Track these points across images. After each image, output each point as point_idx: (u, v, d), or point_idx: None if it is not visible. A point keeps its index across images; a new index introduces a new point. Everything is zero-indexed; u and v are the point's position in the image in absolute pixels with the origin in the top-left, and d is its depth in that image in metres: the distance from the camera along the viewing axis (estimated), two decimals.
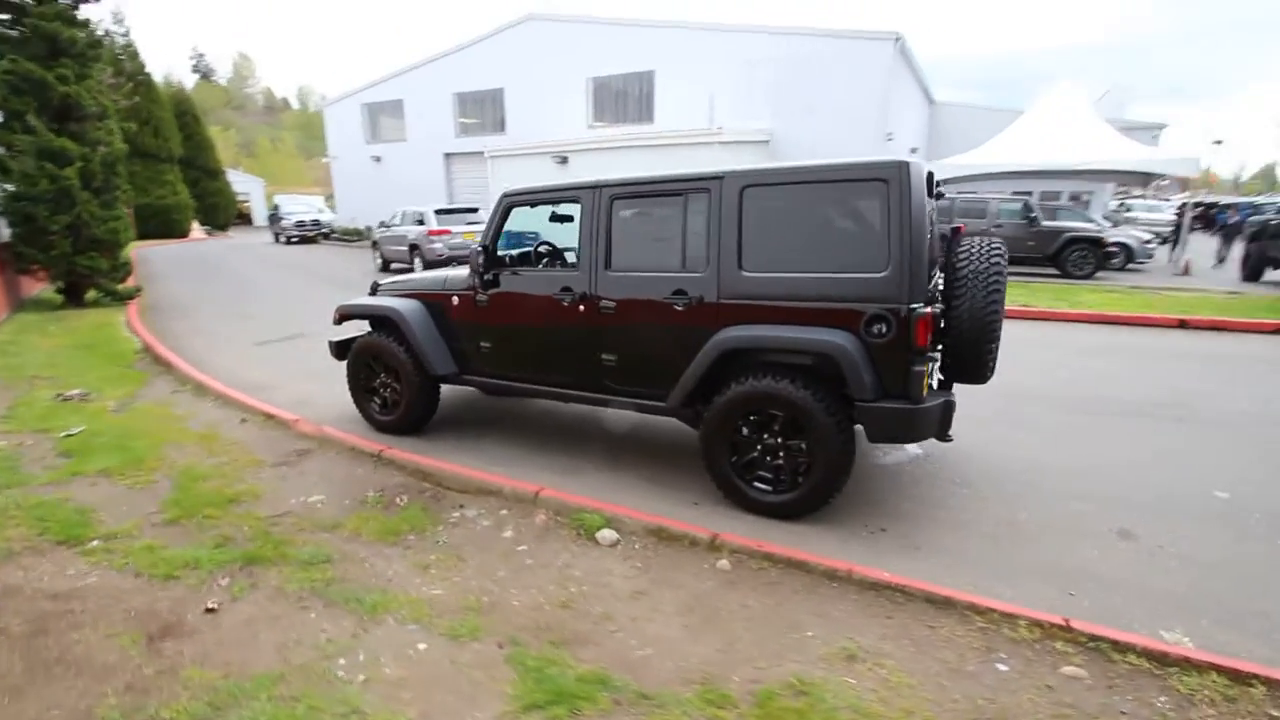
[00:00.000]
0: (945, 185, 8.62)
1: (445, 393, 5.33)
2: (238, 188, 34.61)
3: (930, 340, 3.23)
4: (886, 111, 16.28)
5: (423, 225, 14.58)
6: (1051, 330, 8.59)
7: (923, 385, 3.22)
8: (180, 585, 2.89)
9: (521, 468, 4.29)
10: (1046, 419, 5.22)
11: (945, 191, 7.31)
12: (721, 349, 3.51)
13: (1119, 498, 3.83)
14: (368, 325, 5.20)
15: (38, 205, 9.15)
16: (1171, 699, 2.23)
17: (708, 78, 17.64)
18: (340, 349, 5.25)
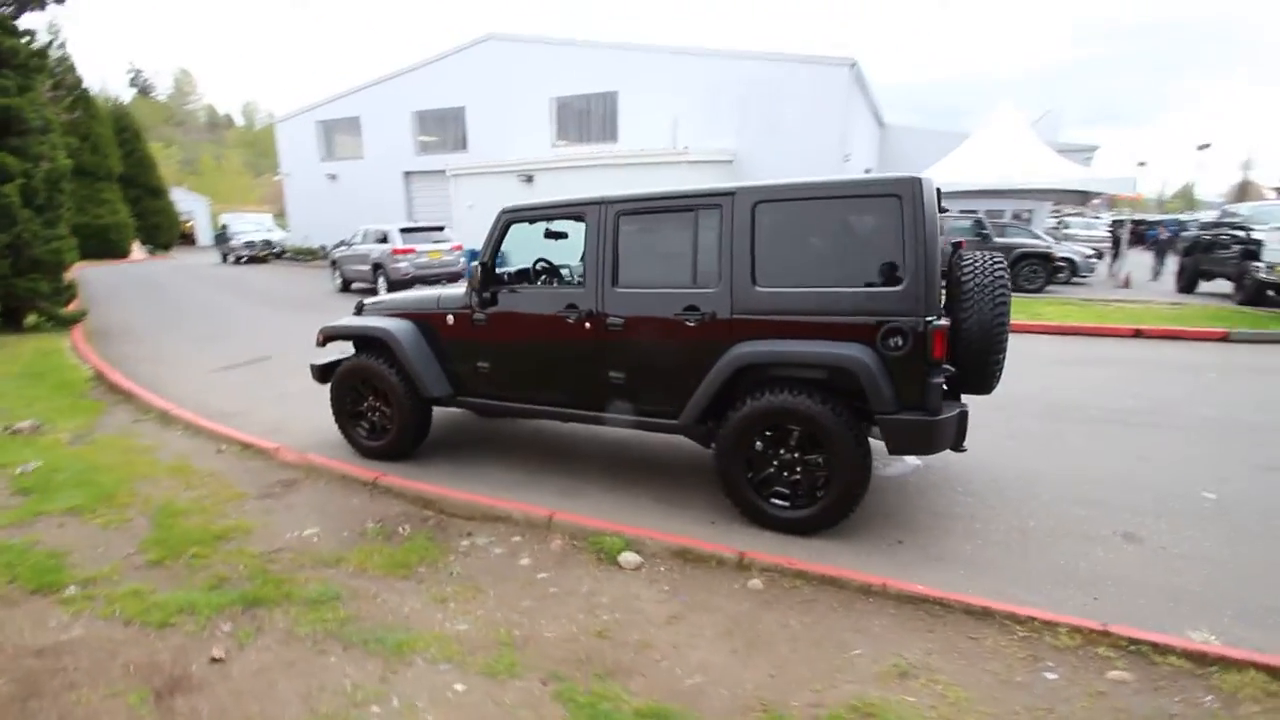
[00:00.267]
0: None
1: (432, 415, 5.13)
2: (181, 207, 33.15)
3: (946, 352, 3.27)
4: (845, 133, 16.81)
5: (386, 244, 14.22)
6: (1018, 342, 8.82)
7: (940, 397, 3.26)
8: (178, 633, 2.66)
9: (523, 491, 4.15)
10: (1033, 427, 5.37)
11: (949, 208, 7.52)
12: (738, 364, 3.49)
13: (1115, 502, 3.95)
14: (350, 348, 5.02)
15: None
16: (1217, 698, 2.27)
17: (671, 99, 17.90)
18: (323, 372, 5.01)
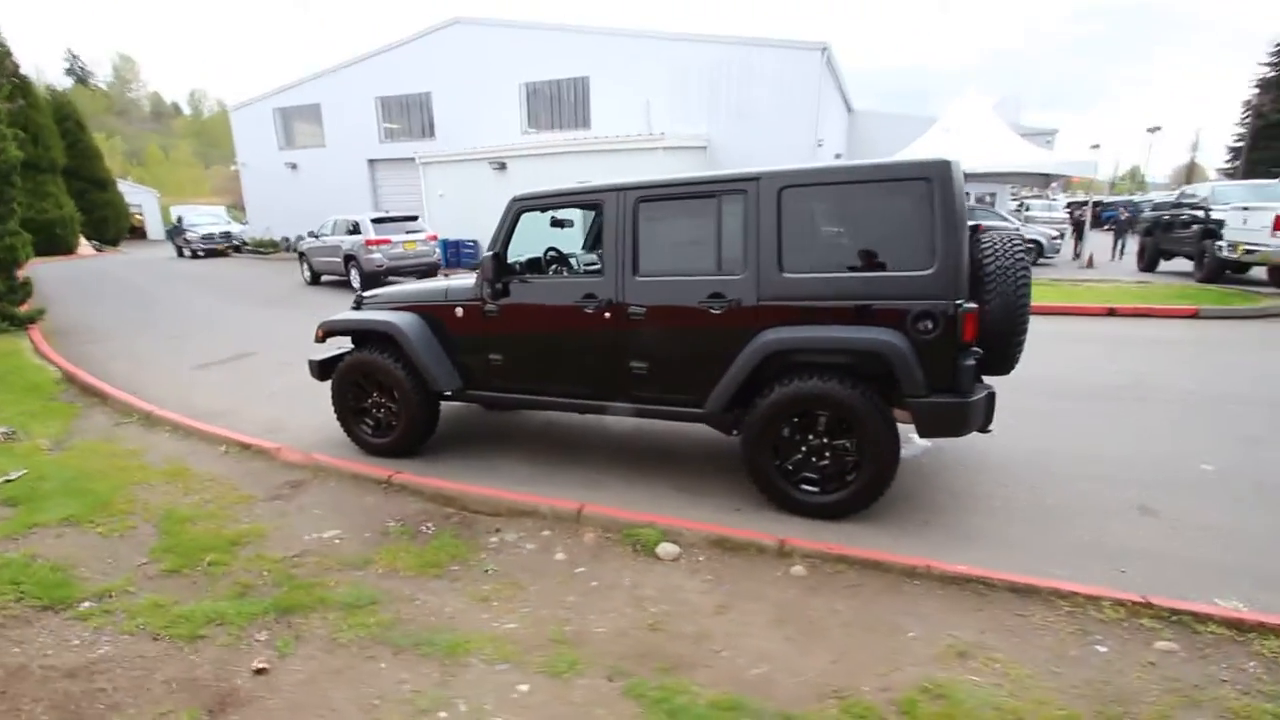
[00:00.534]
0: None
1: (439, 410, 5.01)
2: (129, 199, 31.63)
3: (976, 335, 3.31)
4: (817, 118, 16.89)
5: (358, 235, 13.79)
6: None
7: (973, 379, 3.30)
8: (211, 645, 2.53)
9: (539, 485, 4.08)
10: (1031, 405, 5.50)
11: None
12: (767, 351, 3.47)
13: (1122, 476, 4.08)
14: (348, 342, 4.86)
15: None
16: (1261, 664, 2.36)
17: (643, 83, 17.72)
18: (323, 369, 4.83)
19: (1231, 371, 6.42)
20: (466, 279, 4.52)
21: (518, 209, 4.17)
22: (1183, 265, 13.46)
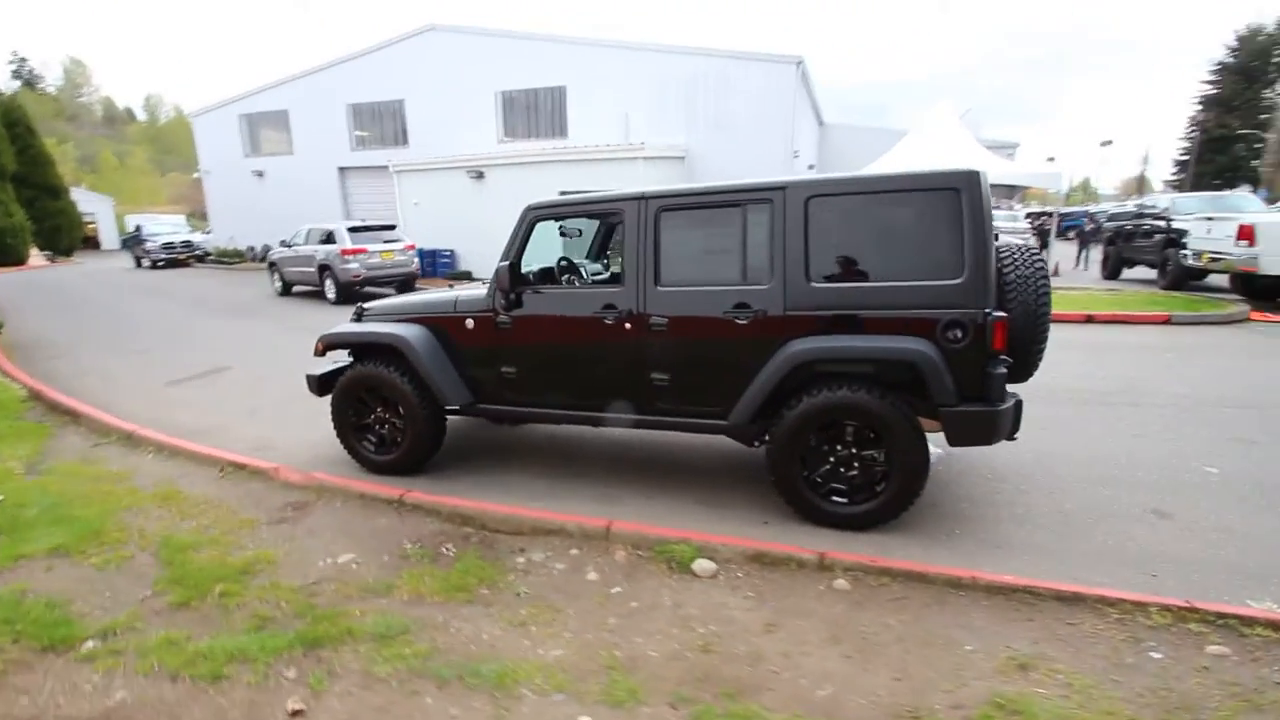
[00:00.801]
0: None
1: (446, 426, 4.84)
2: (82, 208, 30.34)
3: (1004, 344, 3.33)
4: (793, 130, 17.13)
5: (333, 244, 13.44)
6: None
7: (1002, 387, 3.31)
8: (238, 685, 2.36)
9: (555, 501, 3.97)
10: (1031, 412, 5.56)
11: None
12: (796, 362, 3.43)
13: (1132, 480, 4.15)
14: (346, 356, 4.68)
15: None
16: None
17: (620, 94, 17.73)
18: (322, 384, 4.64)
19: (1216, 375, 6.63)
20: (475, 289, 4.40)
21: (533, 218, 4.07)
22: (1145, 273, 13.97)
